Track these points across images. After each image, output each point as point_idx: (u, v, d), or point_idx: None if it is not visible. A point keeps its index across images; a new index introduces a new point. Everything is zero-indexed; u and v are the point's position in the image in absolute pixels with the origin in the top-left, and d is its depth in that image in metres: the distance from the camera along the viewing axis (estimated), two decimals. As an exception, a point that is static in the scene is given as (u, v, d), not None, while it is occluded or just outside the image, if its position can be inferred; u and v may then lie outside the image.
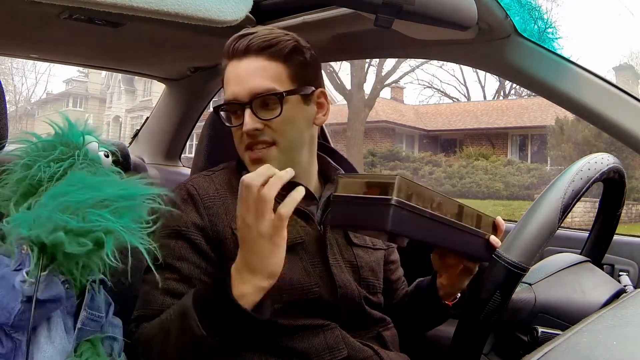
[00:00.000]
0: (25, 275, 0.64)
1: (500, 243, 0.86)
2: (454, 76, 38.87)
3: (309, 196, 0.96)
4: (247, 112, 0.89)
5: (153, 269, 0.72)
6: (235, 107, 0.92)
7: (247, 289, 0.74)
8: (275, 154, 0.92)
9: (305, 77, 0.93)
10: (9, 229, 0.67)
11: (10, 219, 0.68)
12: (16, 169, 0.76)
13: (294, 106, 0.92)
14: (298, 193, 0.76)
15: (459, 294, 1.00)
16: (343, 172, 1.02)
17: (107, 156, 0.82)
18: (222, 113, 0.97)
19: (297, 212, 0.92)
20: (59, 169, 0.73)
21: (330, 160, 1.04)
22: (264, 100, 0.89)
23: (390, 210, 0.67)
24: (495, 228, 0.89)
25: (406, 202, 0.69)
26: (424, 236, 0.73)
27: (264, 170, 0.75)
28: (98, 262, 0.68)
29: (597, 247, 0.99)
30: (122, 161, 0.87)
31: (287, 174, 0.76)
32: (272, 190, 0.74)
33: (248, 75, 0.89)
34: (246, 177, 0.74)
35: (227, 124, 0.96)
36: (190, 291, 0.80)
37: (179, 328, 0.76)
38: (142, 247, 0.69)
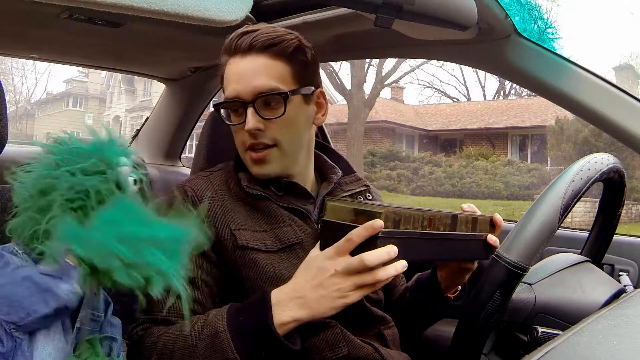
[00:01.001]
0: (76, 286, 0.65)
1: (497, 241, 0.87)
2: (454, 76, 39.02)
3: (305, 195, 0.96)
4: (250, 111, 0.88)
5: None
6: (237, 105, 0.91)
7: (288, 319, 0.73)
8: (276, 155, 0.91)
9: (307, 76, 0.93)
10: (57, 240, 0.67)
11: (60, 231, 0.67)
12: (45, 163, 0.76)
13: (296, 106, 0.91)
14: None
15: (460, 287, 1.00)
16: (336, 178, 1.01)
17: (134, 183, 0.82)
18: (222, 111, 0.96)
19: (295, 211, 0.93)
20: (82, 182, 0.72)
21: (326, 158, 1.04)
22: (266, 100, 0.88)
23: (377, 242, 0.69)
24: (493, 225, 0.89)
25: (393, 230, 0.70)
26: (417, 256, 0.73)
27: (385, 255, 0.70)
28: (141, 296, 0.68)
29: (597, 247, 0.99)
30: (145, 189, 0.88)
31: (404, 267, 0.72)
32: (387, 276, 0.70)
33: (251, 73, 0.88)
34: (367, 260, 0.69)
35: (227, 122, 0.95)
36: (219, 311, 0.79)
37: (208, 347, 0.75)
38: (184, 295, 0.67)
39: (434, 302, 0.99)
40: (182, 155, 2.13)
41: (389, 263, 0.70)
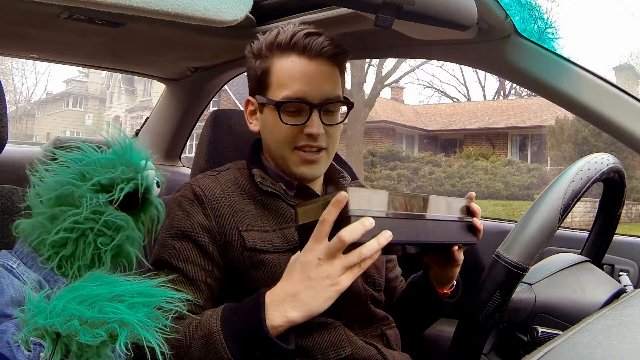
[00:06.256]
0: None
1: (479, 224, 0.87)
2: (454, 76, 39.08)
3: (314, 196, 0.97)
4: (316, 115, 0.91)
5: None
6: (302, 106, 0.91)
7: (281, 321, 0.71)
8: (325, 158, 0.96)
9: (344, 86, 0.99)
10: (26, 319, 0.67)
11: (27, 308, 0.68)
12: (71, 167, 0.78)
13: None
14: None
15: (455, 282, 0.99)
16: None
17: (158, 186, 0.86)
18: (266, 106, 0.95)
19: None
20: (111, 196, 0.77)
21: (333, 162, 1.05)
22: (328, 106, 0.93)
23: (350, 221, 0.68)
24: (469, 211, 0.89)
25: (364, 209, 0.69)
26: (395, 236, 0.70)
27: (360, 227, 0.68)
28: (111, 354, 0.68)
29: (597, 247, 0.99)
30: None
31: (387, 238, 0.70)
32: (371, 251, 0.68)
33: (320, 78, 0.91)
34: (346, 235, 0.67)
35: (282, 121, 0.92)
36: (214, 311, 0.79)
37: (202, 348, 0.75)
38: (155, 344, 0.67)
39: (428, 300, 1.00)
40: (182, 155, 2.13)
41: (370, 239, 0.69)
